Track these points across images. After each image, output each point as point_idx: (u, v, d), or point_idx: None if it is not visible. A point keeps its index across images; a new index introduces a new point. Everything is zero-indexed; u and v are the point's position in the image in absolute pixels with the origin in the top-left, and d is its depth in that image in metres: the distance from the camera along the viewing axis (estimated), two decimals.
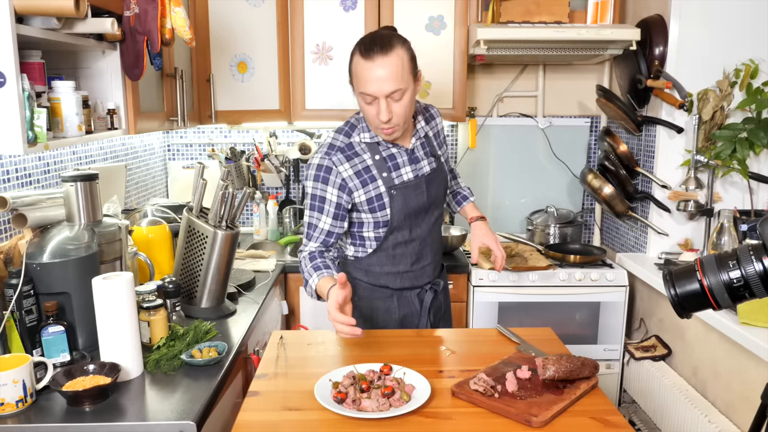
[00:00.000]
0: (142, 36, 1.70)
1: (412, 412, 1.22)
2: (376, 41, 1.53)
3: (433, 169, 1.75)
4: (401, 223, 1.71)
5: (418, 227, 1.74)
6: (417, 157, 1.72)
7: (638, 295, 2.70)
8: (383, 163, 1.68)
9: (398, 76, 1.52)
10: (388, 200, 1.67)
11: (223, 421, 1.50)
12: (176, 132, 3.09)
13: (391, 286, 1.78)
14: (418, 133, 1.73)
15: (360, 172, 1.66)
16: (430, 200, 1.74)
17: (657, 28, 2.47)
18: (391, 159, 1.69)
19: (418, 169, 1.72)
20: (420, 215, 1.73)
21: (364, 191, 1.66)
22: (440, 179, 1.77)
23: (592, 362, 1.37)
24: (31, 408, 1.30)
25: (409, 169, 1.70)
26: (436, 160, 1.77)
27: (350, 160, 1.66)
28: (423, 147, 1.75)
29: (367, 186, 1.66)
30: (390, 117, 1.55)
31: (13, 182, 1.75)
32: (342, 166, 1.65)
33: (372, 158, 1.67)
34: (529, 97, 3.08)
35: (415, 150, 1.72)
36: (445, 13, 2.66)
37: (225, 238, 1.81)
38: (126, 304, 1.41)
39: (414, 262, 1.77)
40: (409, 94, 1.57)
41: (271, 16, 2.67)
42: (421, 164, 1.73)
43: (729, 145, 2.31)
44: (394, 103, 1.55)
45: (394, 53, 1.52)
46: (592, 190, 2.78)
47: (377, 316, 1.80)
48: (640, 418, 2.61)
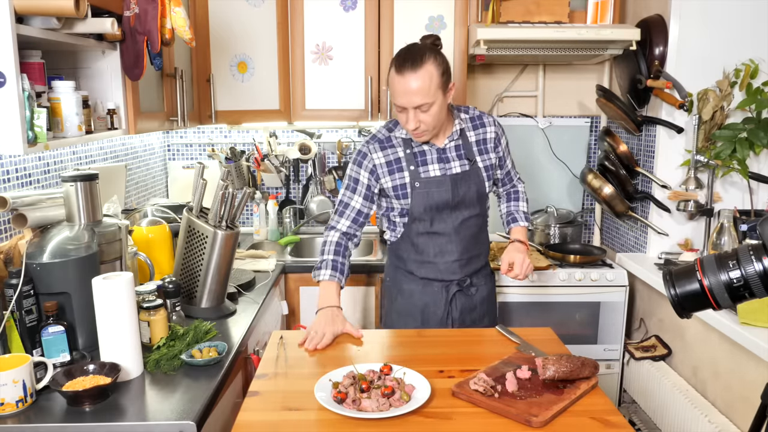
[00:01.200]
0: (142, 36, 1.70)
1: (412, 412, 1.22)
2: (408, 57, 1.66)
3: (464, 171, 1.84)
4: (422, 215, 1.84)
5: (442, 222, 1.85)
6: (447, 157, 1.84)
7: (638, 295, 2.70)
8: (413, 157, 1.84)
9: (425, 91, 1.65)
10: (410, 191, 1.83)
11: (223, 421, 1.50)
12: (176, 132, 3.09)
13: (416, 274, 1.91)
14: (454, 135, 1.83)
15: (391, 162, 1.84)
16: (457, 199, 1.83)
17: (657, 28, 2.47)
18: (422, 155, 1.84)
19: (447, 168, 1.84)
20: (444, 211, 1.84)
21: (390, 179, 1.84)
22: (471, 182, 1.85)
23: (592, 362, 1.37)
24: (31, 408, 1.30)
25: (437, 166, 1.83)
26: (471, 163, 1.85)
27: (384, 150, 1.85)
28: (457, 149, 1.85)
29: (394, 175, 1.84)
30: (418, 126, 1.72)
31: (13, 182, 1.75)
32: (376, 154, 1.85)
33: (404, 151, 1.84)
34: (529, 97, 3.08)
35: (447, 150, 1.84)
36: (445, 13, 2.66)
37: (225, 238, 1.81)
38: (126, 304, 1.41)
39: (436, 254, 1.88)
40: (437, 106, 1.70)
41: (271, 16, 2.67)
42: (450, 164, 1.84)
43: (729, 145, 2.31)
44: (421, 114, 1.69)
45: (424, 69, 1.64)
46: (592, 190, 2.78)
47: (401, 298, 1.95)
48: (640, 418, 2.61)
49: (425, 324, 1.91)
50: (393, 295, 1.98)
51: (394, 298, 1.97)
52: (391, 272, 2.00)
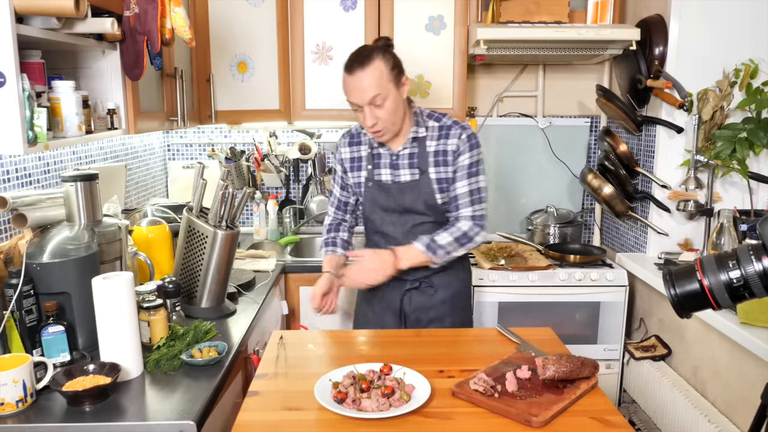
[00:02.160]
0: (142, 36, 1.70)
1: (412, 412, 1.22)
2: (356, 57, 1.74)
3: (413, 180, 1.85)
4: (372, 215, 1.93)
5: (391, 225, 1.89)
6: (398, 164, 1.86)
7: (638, 295, 2.70)
8: (371, 158, 1.90)
9: (376, 84, 1.70)
10: (363, 190, 1.92)
11: (223, 421, 1.50)
12: (176, 132, 3.09)
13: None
14: (408, 143, 1.84)
15: (354, 158, 1.93)
16: (402, 207, 1.86)
17: (657, 28, 2.47)
18: (377, 158, 1.90)
19: (395, 175, 1.87)
20: (391, 216, 1.89)
21: (352, 175, 1.95)
22: (419, 191, 1.84)
23: (592, 362, 1.37)
24: (31, 408, 1.30)
25: (388, 171, 1.88)
26: (421, 173, 1.83)
27: (351, 146, 1.94)
28: (410, 157, 1.85)
29: (354, 172, 1.94)
30: (375, 122, 1.74)
31: (13, 182, 1.75)
32: (344, 149, 1.96)
33: (367, 150, 1.90)
34: (529, 97, 3.08)
35: (399, 156, 1.86)
36: (445, 13, 2.66)
37: (225, 238, 1.81)
38: (126, 304, 1.41)
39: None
40: (391, 100, 1.73)
41: (271, 16, 2.67)
42: (399, 171, 1.86)
43: (729, 145, 2.31)
44: (376, 109, 1.73)
45: (372, 65, 1.71)
46: (592, 190, 2.78)
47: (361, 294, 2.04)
48: (640, 418, 2.61)
49: (381, 314, 1.95)
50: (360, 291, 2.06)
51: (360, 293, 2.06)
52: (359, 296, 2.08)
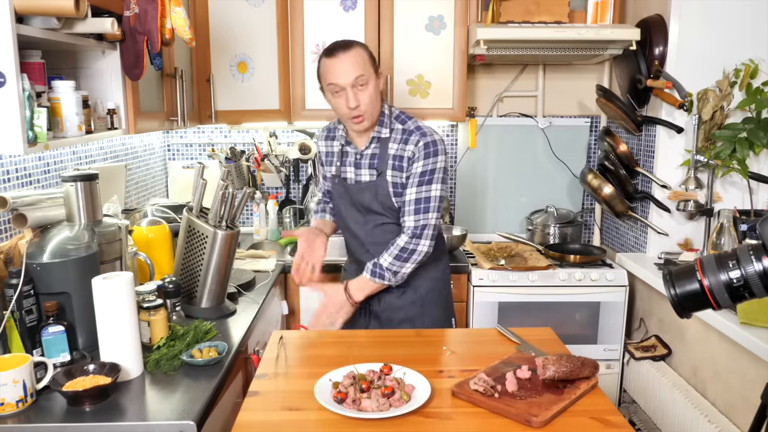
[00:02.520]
0: (142, 36, 1.70)
1: (412, 412, 1.22)
2: (338, 43, 1.76)
3: (371, 181, 1.85)
4: (338, 211, 1.96)
5: (355, 224, 1.92)
6: (360, 164, 1.87)
7: (638, 295, 2.70)
8: (341, 155, 1.92)
9: (359, 65, 1.73)
10: (331, 186, 1.96)
11: (223, 421, 1.50)
12: (176, 132, 3.09)
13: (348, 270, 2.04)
14: (372, 142, 1.84)
15: (328, 153, 1.97)
16: (363, 206, 1.88)
17: (657, 28, 2.47)
18: (345, 155, 1.91)
19: (357, 174, 1.88)
20: (356, 214, 1.91)
21: (325, 170, 2.00)
22: (375, 193, 1.84)
23: (592, 362, 1.37)
24: (31, 408, 1.30)
25: (352, 169, 1.89)
26: (378, 174, 1.83)
27: (326, 140, 1.97)
28: (372, 158, 1.85)
29: (327, 167, 1.99)
30: (357, 104, 1.73)
31: (13, 182, 1.75)
32: (321, 142, 1.99)
33: (340, 145, 1.92)
34: (529, 97, 3.08)
35: (363, 156, 1.86)
36: (445, 13, 2.66)
37: (225, 238, 1.81)
38: (126, 304, 1.41)
39: (358, 253, 1.96)
40: (372, 85, 1.75)
41: (271, 16, 2.67)
42: (361, 171, 1.87)
43: (729, 145, 2.31)
44: (360, 92, 1.73)
45: (354, 49, 1.74)
46: (592, 190, 2.78)
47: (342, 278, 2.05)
48: (640, 418, 2.61)
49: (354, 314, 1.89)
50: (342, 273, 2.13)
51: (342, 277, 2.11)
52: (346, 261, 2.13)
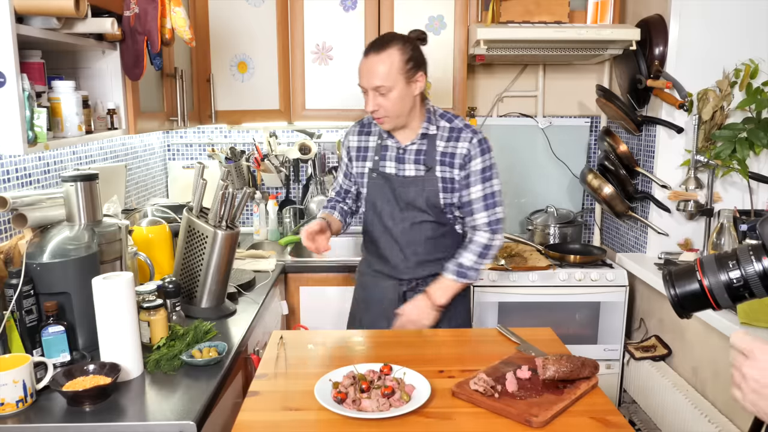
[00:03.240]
0: (142, 36, 1.70)
1: (412, 412, 1.22)
2: (376, 41, 1.73)
3: (418, 175, 1.82)
4: (374, 207, 1.89)
5: (390, 219, 1.86)
6: (404, 158, 1.83)
7: (638, 295, 2.70)
8: (378, 149, 1.87)
9: (384, 74, 1.68)
10: (366, 180, 1.90)
11: (223, 421, 1.50)
12: (176, 132, 3.09)
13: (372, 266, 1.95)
14: (417, 138, 1.81)
15: (361, 148, 1.91)
16: (406, 201, 1.83)
17: (657, 28, 2.47)
18: (384, 149, 1.87)
19: (401, 169, 1.84)
20: (393, 210, 1.85)
21: (356, 165, 1.93)
22: (423, 188, 1.81)
23: (592, 362, 1.37)
24: (31, 408, 1.30)
25: (393, 164, 1.85)
26: (427, 170, 1.81)
27: (360, 135, 1.93)
28: (418, 153, 1.82)
29: (359, 162, 1.91)
30: (376, 108, 1.72)
31: (13, 182, 1.75)
32: (353, 137, 1.94)
33: (376, 141, 1.88)
34: (529, 97, 3.08)
35: (406, 151, 1.83)
36: (445, 13, 2.66)
37: (225, 238, 1.81)
38: (126, 304, 1.41)
39: (385, 248, 1.89)
40: (396, 92, 1.70)
41: (271, 16, 2.67)
42: (405, 166, 1.83)
43: (729, 145, 2.31)
44: (380, 97, 1.71)
45: (386, 53, 1.68)
46: (592, 190, 2.78)
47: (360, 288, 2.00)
48: (640, 418, 2.61)
49: (377, 317, 1.90)
50: (356, 285, 2.05)
51: (356, 286, 2.05)
52: (361, 264, 2.06)
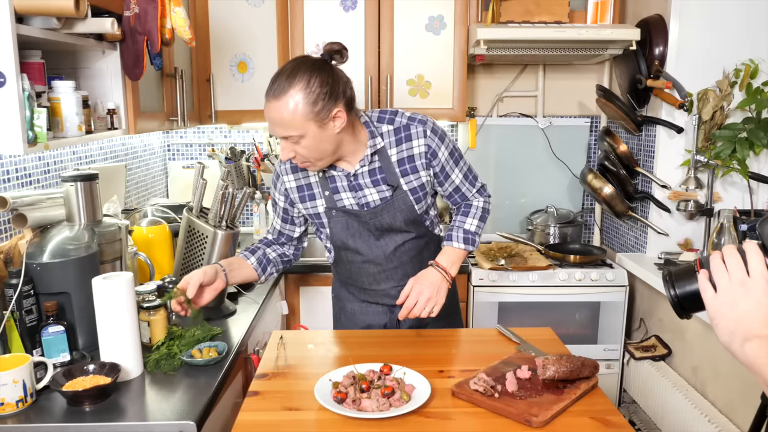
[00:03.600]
0: (142, 36, 1.70)
1: (412, 412, 1.22)
2: (275, 81, 1.44)
3: (384, 198, 1.58)
4: (345, 245, 1.65)
5: (370, 251, 1.64)
6: (359, 184, 1.58)
7: (638, 295, 2.70)
8: (326, 181, 1.60)
9: (288, 122, 1.41)
10: (326, 221, 1.64)
11: (223, 421, 1.50)
12: (176, 132, 3.09)
13: (357, 297, 1.76)
14: (366, 159, 1.55)
15: (302, 187, 1.63)
16: (381, 229, 1.62)
17: (657, 28, 2.47)
18: (332, 181, 1.60)
19: (360, 197, 1.59)
20: (369, 240, 1.64)
21: (303, 207, 1.65)
22: (395, 210, 1.59)
23: (592, 362, 1.37)
24: (31, 408, 1.30)
25: (349, 195, 1.60)
26: (393, 189, 1.58)
27: (295, 173, 1.63)
28: (372, 173, 1.58)
29: (306, 203, 1.64)
30: (292, 155, 1.47)
31: (13, 182, 1.75)
32: (286, 176, 1.64)
33: (316, 175, 1.61)
34: (529, 97, 3.08)
35: (358, 176, 1.58)
36: (445, 13, 2.66)
37: (225, 238, 1.81)
38: (126, 304, 1.41)
39: (372, 282, 1.69)
40: (310, 139, 1.43)
41: (271, 16, 2.67)
42: (363, 192, 1.59)
43: (729, 145, 2.31)
44: (294, 145, 1.45)
45: (287, 97, 1.40)
46: (592, 190, 2.78)
47: (344, 317, 1.80)
48: (640, 418, 2.61)
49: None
50: (337, 313, 1.83)
51: (338, 317, 1.83)
52: (336, 288, 1.83)
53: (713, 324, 0.83)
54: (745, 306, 0.79)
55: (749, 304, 0.79)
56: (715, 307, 0.82)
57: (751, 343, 0.78)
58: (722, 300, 0.81)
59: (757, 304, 0.79)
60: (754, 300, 0.79)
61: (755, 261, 0.80)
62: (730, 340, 0.81)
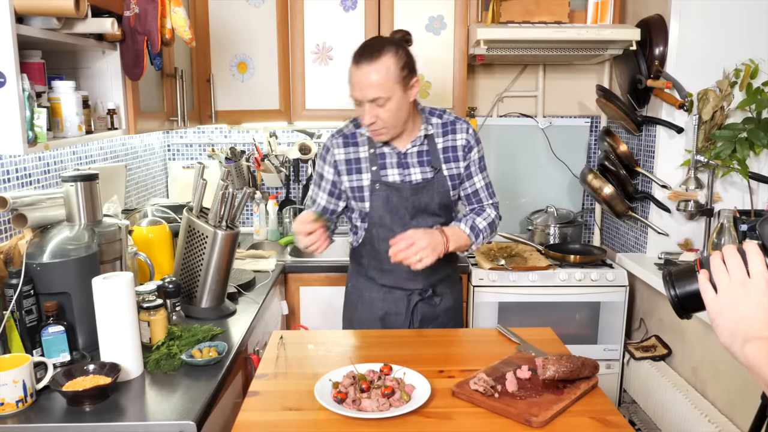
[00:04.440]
0: (142, 36, 1.70)
1: (412, 412, 1.22)
2: (366, 49, 1.62)
3: (426, 179, 1.76)
4: (381, 221, 1.77)
5: (402, 228, 1.70)
6: (407, 163, 1.76)
7: (638, 295, 2.70)
8: (375, 158, 1.76)
9: (381, 84, 1.59)
10: (368, 194, 1.76)
11: (223, 421, 1.50)
12: (176, 132, 3.09)
13: (377, 281, 1.84)
14: (417, 141, 1.75)
15: (351, 160, 1.78)
16: (418, 208, 1.75)
17: (657, 28, 2.47)
18: (381, 157, 1.76)
19: (406, 175, 1.76)
20: (404, 218, 1.75)
21: (348, 179, 1.78)
22: (434, 191, 1.76)
23: (592, 362, 1.37)
24: (31, 408, 1.30)
25: (396, 171, 1.76)
26: (435, 171, 1.76)
27: (346, 147, 1.78)
28: (420, 155, 1.76)
29: (353, 175, 1.77)
30: (373, 120, 1.64)
31: (13, 182, 1.75)
32: (338, 150, 1.79)
33: (367, 151, 1.77)
34: (529, 97, 3.08)
35: (408, 155, 1.76)
36: (445, 13, 2.66)
37: (225, 238, 1.81)
38: (126, 304, 1.41)
39: (391, 267, 1.75)
40: (394, 102, 1.62)
41: (271, 16, 2.67)
42: (410, 170, 1.76)
43: (729, 145, 2.31)
44: (378, 108, 1.62)
45: (381, 62, 1.59)
46: (592, 190, 2.78)
47: (362, 306, 1.88)
48: (640, 418, 2.61)
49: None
50: (354, 302, 1.90)
51: (354, 305, 1.90)
52: (353, 278, 1.93)
53: (714, 325, 0.83)
54: (746, 307, 0.79)
55: (749, 305, 0.79)
56: (715, 308, 0.82)
57: (751, 344, 0.78)
58: (722, 301, 0.81)
59: (758, 305, 0.79)
60: (754, 301, 0.79)
61: (755, 262, 0.80)
62: (730, 342, 0.81)
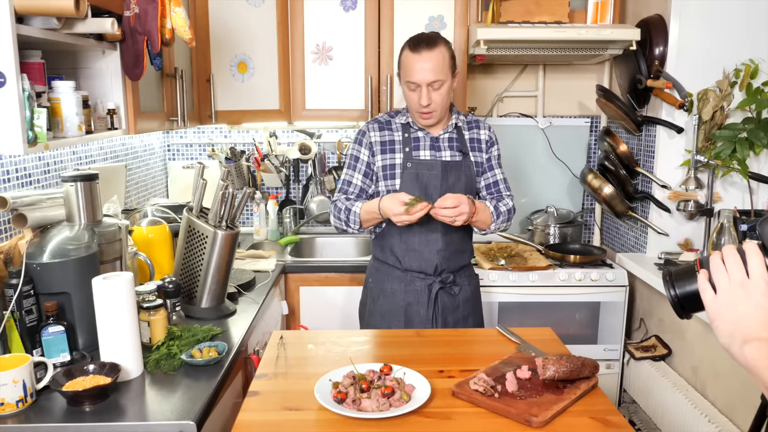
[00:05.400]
0: (142, 36, 1.70)
1: (412, 412, 1.22)
2: (423, 38, 1.85)
3: (455, 160, 1.94)
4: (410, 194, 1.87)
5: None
6: (440, 146, 1.95)
7: (638, 295, 2.70)
8: (409, 141, 1.95)
9: (439, 68, 1.82)
10: (399, 171, 1.92)
11: (223, 421, 1.50)
12: (176, 132, 3.09)
13: (402, 263, 1.94)
14: (449, 128, 1.96)
15: (386, 142, 1.96)
16: (446, 186, 1.89)
17: (657, 28, 2.47)
18: (416, 141, 1.95)
19: (436, 155, 1.94)
20: (433, 197, 1.85)
21: (382, 158, 1.95)
22: (462, 172, 1.93)
23: (592, 362, 1.37)
24: (31, 408, 1.30)
25: (428, 152, 1.94)
26: (464, 155, 1.95)
27: (381, 130, 1.98)
28: (451, 141, 1.96)
29: (386, 154, 1.95)
30: (429, 102, 1.84)
31: (13, 182, 1.75)
32: (374, 132, 1.97)
33: (402, 135, 1.96)
34: (529, 97, 3.08)
35: (440, 139, 1.95)
36: (445, 13, 2.66)
37: (225, 238, 1.81)
38: (126, 304, 1.41)
39: (421, 242, 1.92)
40: (446, 86, 1.86)
41: (271, 16, 2.67)
42: (441, 152, 1.94)
43: (729, 145, 2.31)
44: (433, 92, 1.84)
45: (438, 49, 1.83)
46: (592, 190, 2.78)
47: (384, 298, 1.97)
48: (640, 418, 2.61)
49: (408, 324, 1.93)
50: (375, 295, 2.00)
51: (376, 298, 2.00)
52: (374, 273, 2.03)
53: (713, 326, 0.82)
54: (745, 308, 0.79)
55: (749, 306, 0.79)
56: (714, 308, 0.82)
57: (750, 345, 0.78)
58: (722, 302, 0.81)
59: (757, 306, 0.78)
60: (753, 302, 0.79)
61: (755, 262, 0.80)
62: (729, 342, 0.80)
